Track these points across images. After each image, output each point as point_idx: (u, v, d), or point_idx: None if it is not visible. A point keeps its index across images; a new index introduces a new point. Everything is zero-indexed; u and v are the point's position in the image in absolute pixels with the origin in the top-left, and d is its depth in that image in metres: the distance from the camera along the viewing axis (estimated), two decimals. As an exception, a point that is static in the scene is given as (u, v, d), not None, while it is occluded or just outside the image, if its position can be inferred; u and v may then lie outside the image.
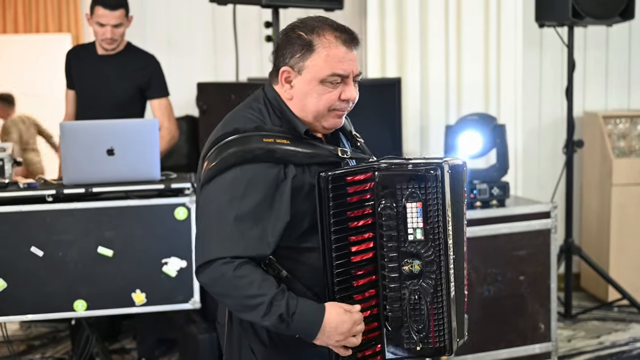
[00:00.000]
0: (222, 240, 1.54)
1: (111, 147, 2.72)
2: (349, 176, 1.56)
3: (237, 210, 1.54)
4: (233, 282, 1.53)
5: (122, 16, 3.29)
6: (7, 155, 3.01)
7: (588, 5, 3.64)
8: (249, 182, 1.54)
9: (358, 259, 1.59)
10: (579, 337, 3.77)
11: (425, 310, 1.60)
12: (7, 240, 2.67)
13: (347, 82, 1.60)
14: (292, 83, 1.62)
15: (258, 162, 1.55)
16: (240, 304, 1.55)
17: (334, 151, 1.63)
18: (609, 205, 4.18)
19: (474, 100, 3.77)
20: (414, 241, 1.58)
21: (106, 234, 2.72)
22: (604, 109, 4.49)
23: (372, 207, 1.58)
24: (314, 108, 1.61)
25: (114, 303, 2.74)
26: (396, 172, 1.58)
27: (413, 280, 1.59)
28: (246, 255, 1.54)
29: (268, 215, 1.55)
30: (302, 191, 1.58)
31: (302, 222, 1.59)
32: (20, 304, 2.69)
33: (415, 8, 3.68)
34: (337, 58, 1.58)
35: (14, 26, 5.83)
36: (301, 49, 1.59)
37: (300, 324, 1.55)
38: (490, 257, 3.21)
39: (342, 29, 1.61)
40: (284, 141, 1.58)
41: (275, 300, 1.53)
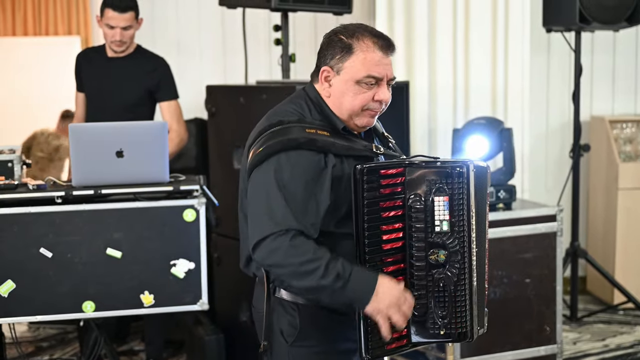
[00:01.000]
0: (276, 217, 1.65)
1: (120, 149, 2.73)
2: (382, 169, 1.68)
3: (285, 191, 1.66)
4: (289, 251, 1.63)
5: (132, 19, 3.31)
6: (17, 157, 3.03)
7: (595, 11, 3.65)
8: (294, 167, 1.67)
9: (388, 247, 1.70)
10: (584, 339, 3.77)
11: (449, 298, 1.70)
12: (16, 242, 2.68)
13: (381, 85, 1.73)
14: (330, 82, 1.75)
15: (302, 149, 1.67)
16: (297, 271, 1.64)
17: (369, 146, 1.76)
18: (615, 209, 4.18)
19: (482, 104, 3.78)
20: (440, 232, 1.69)
21: (115, 235, 2.73)
22: (610, 113, 4.50)
23: (402, 200, 1.70)
24: (350, 106, 1.73)
25: (122, 304, 2.75)
26: (426, 168, 1.70)
27: (438, 269, 1.70)
28: (298, 228, 1.65)
29: (312, 199, 1.67)
30: (341, 180, 1.70)
31: (340, 210, 1.71)
32: (29, 305, 2.70)
33: (424, 12, 3.69)
34: (374, 61, 1.70)
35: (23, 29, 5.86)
36: (341, 51, 1.72)
37: (356, 283, 1.63)
38: (497, 259, 3.22)
39: (380, 35, 1.75)
40: (325, 133, 1.71)
41: (331, 262, 1.63)
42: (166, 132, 2.79)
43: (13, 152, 3.10)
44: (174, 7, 4.17)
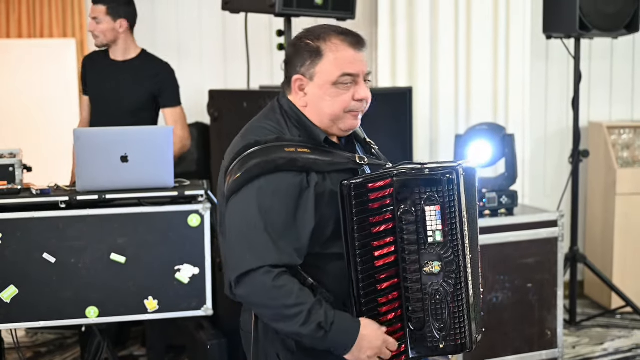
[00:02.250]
0: (257, 250, 1.56)
1: (125, 154, 2.72)
2: (370, 183, 1.60)
3: (266, 220, 1.57)
4: (272, 292, 1.55)
5: (101, 12, 3.33)
6: (18, 161, 3.01)
7: (595, 18, 3.68)
8: (275, 192, 1.58)
9: (381, 263, 1.63)
10: (583, 343, 3.80)
11: (446, 310, 1.64)
12: (20, 247, 2.66)
13: (358, 82, 1.64)
14: (305, 90, 1.66)
15: (281, 172, 1.58)
16: (279, 314, 1.57)
17: (352, 158, 1.68)
18: (613, 214, 4.21)
19: (483, 110, 3.80)
20: (433, 243, 1.63)
21: (119, 240, 2.72)
22: (608, 119, 4.53)
23: (392, 212, 1.62)
24: (330, 111, 1.64)
25: (126, 310, 2.74)
26: (414, 177, 1.62)
27: (434, 280, 1.64)
28: (282, 264, 1.57)
29: (296, 223, 1.59)
30: (324, 198, 1.62)
31: (326, 229, 1.63)
32: (32, 311, 2.68)
33: (426, 18, 3.70)
34: (346, 59, 1.62)
35: (17, 31, 5.82)
36: (310, 56, 1.63)
37: (337, 334, 1.58)
38: (499, 264, 3.23)
39: (347, 32, 1.66)
40: (305, 150, 1.62)
41: (313, 309, 1.56)
42: (171, 138, 2.79)
43: (14, 156, 3.08)
44: (174, 11, 4.16)
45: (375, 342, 1.60)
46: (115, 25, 3.35)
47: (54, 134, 5.35)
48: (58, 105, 5.00)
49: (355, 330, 1.59)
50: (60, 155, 4.15)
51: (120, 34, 3.37)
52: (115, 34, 3.36)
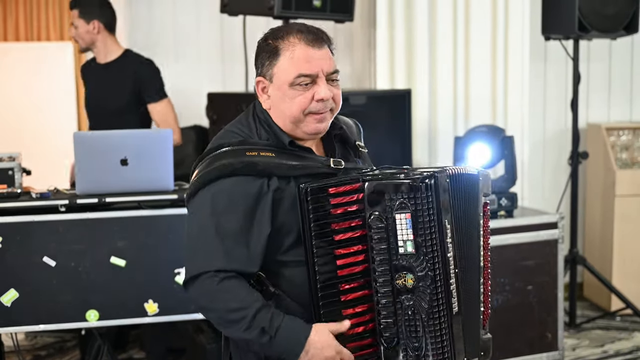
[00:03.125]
0: (205, 254, 1.52)
1: (125, 157, 2.72)
2: (331, 187, 1.51)
3: (218, 224, 1.52)
4: (216, 295, 1.51)
5: (75, 17, 3.37)
6: (17, 165, 3.01)
7: (594, 19, 3.69)
8: (230, 196, 1.52)
9: (345, 272, 1.52)
10: (583, 345, 3.80)
11: (421, 327, 1.51)
12: (20, 250, 2.65)
13: (318, 82, 1.55)
14: (268, 92, 1.59)
15: (239, 176, 1.52)
16: (223, 318, 1.52)
17: (326, 162, 1.59)
18: (612, 216, 4.21)
19: (482, 112, 3.80)
20: (405, 254, 1.50)
21: (119, 244, 2.72)
22: (606, 120, 4.54)
23: (361, 219, 1.52)
24: (289, 113, 1.56)
25: (126, 313, 2.73)
26: (384, 182, 1.51)
27: (407, 295, 1.51)
28: (230, 269, 1.51)
29: (250, 228, 1.53)
30: (286, 203, 1.54)
31: (288, 236, 1.56)
32: (32, 314, 2.67)
33: (424, 20, 3.71)
34: (302, 58, 1.53)
35: (15, 34, 5.82)
36: (268, 56, 1.56)
37: (283, 340, 1.49)
38: (499, 267, 3.23)
39: (307, 29, 1.57)
40: (269, 154, 1.55)
41: (258, 313, 1.49)
42: (171, 140, 2.79)
43: (13, 159, 3.07)
44: (172, 14, 4.16)
45: (326, 351, 1.49)
46: (89, 27, 3.36)
47: (52, 136, 5.34)
48: (56, 107, 5.00)
49: (304, 335, 1.50)
50: (58, 158, 4.15)
51: (96, 36, 3.37)
52: (91, 36, 3.37)
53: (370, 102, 3.22)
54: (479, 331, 1.64)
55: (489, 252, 1.67)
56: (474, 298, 1.63)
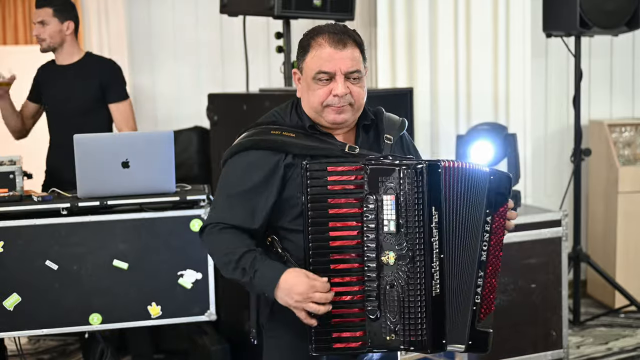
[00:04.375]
0: (216, 209, 1.81)
1: (126, 160, 2.71)
2: (330, 166, 1.69)
3: (231, 188, 1.79)
4: (216, 241, 1.77)
5: (47, 15, 3.33)
6: (18, 168, 3.00)
7: (595, 16, 3.67)
8: (247, 165, 1.78)
9: (337, 244, 1.69)
10: (587, 343, 3.79)
11: (398, 302, 1.65)
12: (22, 254, 2.65)
13: (336, 79, 1.74)
14: (300, 82, 1.82)
15: (260, 149, 1.77)
16: (220, 260, 1.77)
17: (342, 147, 1.78)
18: (615, 212, 4.20)
19: (484, 109, 3.79)
20: (388, 232, 1.66)
21: (121, 246, 2.71)
22: (609, 117, 4.52)
23: (359, 199, 1.69)
24: (312, 104, 1.78)
25: (129, 316, 2.73)
26: (379, 167, 1.68)
27: (388, 271, 1.66)
28: (231, 223, 1.76)
29: (257, 194, 1.77)
30: (295, 178, 1.75)
31: (297, 206, 1.75)
32: (35, 318, 2.67)
33: (425, 18, 3.69)
34: (323, 57, 1.74)
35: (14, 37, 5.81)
36: (301, 52, 1.80)
37: (260, 279, 1.70)
38: (503, 265, 3.17)
39: (334, 31, 1.77)
40: (290, 134, 1.78)
41: (243, 257, 1.72)
42: (172, 142, 2.77)
43: (14, 163, 3.06)
44: (171, 14, 4.15)
45: (299, 287, 1.66)
46: (63, 27, 3.36)
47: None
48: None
49: (278, 274, 1.69)
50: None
51: (67, 37, 3.37)
52: (62, 36, 3.36)
53: (372, 101, 3.19)
54: (467, 319, 1.73)
55: (501, 251, 1.78)
56: (467, 287, 1.72)
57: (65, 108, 3.38)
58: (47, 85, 3.45)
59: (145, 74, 4.11)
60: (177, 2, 4.14)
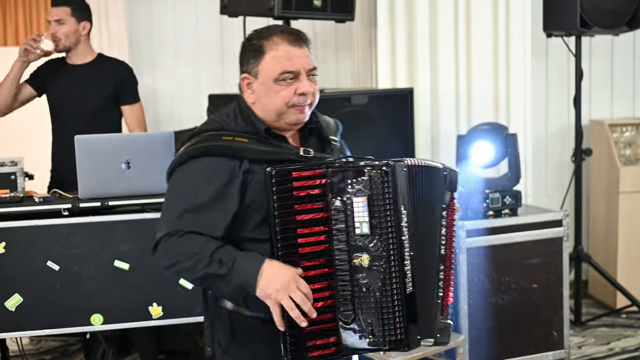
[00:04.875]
0: (171, 220, 1.70)
1: (127, 160, 2.72)
2: (295, 171, 1.65)
3: (187, 198, 1.69)
4: (179, 247, 1.67)
5: (66, 14, 3.35)
6: (19, 169, 3.00)
7: (596, 15, 3.68)
8: (203, 172, 1.69)
9: (306, 251, 1.66)
10: (589, 343, 3.79)
11: (375, 304, 1.64)
12: (23, 255, 2.65)
13: (299, 78, 1.72)
14: (252, 88, 1.75)
15: (213, 156, 1.69)
16: (186, 264, 1.66)
17: (296, 150, 1.75)
18: (616, 212, 4.20)
19: (484, 109, 3.79)
20: (361, 235, 1.64)
21: (122, 247, 2.71)
22: (609, 117, 4.52)
23: (324, 202, 1.66)
24: (273, 107, 1.73)
25: (130, 316, 2.73)
26: (344, 169, 1.66)
27: (362, 273, 1.65)
28: (190, 230, 1.67)
29: (217, 201, 1.69)
30: (254, 184, 1.70)
31: (256, 214, 1.71)
32: (36, 319, 2.67)
33: (425, 19, 3.70)
34: (285, 56, 1.70)
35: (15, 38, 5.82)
36: (254, 55, 1.73)
37: (240, 268, 1.64)
38: (504, 265, 3.23)
39: (288, 30, 1.76)
40: (243, 140, 1.72)
41: (216, 251, 1.65)
42: (173, 143, 2.78)
43: (15, 164, 3.07)
44: (172, 15, 4.15)
45: (280, 277, 1.61)
46: (79, 27, 3.38)
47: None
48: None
49: (258, 264, 1.63)
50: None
51: (82, 37, 3.40)
52: (77, 36, 3.39)
53: (372, 102, 3.21)
54: (435, 314, 1.76)
55: (453, 244, 1.80)
56: (431, 282, 1.75)
57: (76, 108, 3.39)
58: (56, 83, 3.44)
59: (146, 75, 4.11)
60: (177, 2, 4.14)
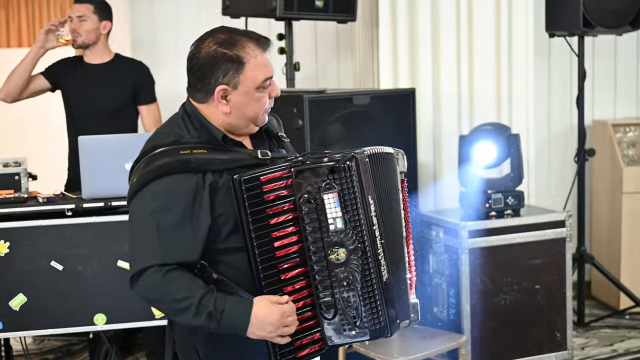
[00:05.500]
0: (147, 250, 1.63)
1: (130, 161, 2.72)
2: (262, 175, 1.65)
3: (158, 221, 1.63)
4: (162, 287, 1.63)
5: (89, 11, 3.39)
6: (23, 170, 3.01)
7: (599, 15, 3.67)
8: (168, 193, 1.64)
9: (283, 253, 1.66)
10: (592, 345, 3.78)
11: (356, 296, 1.66)
12: (27, 255, 2.67)
13: (271, 82, 1.74)
14: (228, 98, 1.71)
15: (175, 174, 1.64)
16: (172, 308, 1.65)
17: (254, 154, 1.73)
18: (619, 213, 4.19)
19: (486, 110, 3.78)
20: (335, 230, 1.65)
21: (125, 247, 2.68)
22: (612, 117, 4.52)
23: (292, 202, 1.66)
24: (254, 114, 1.73)
25: (134, 316, 2.74)
26: (310, 167, 1.66)
27: (340, 267, 1.66)
28: (173, 261, 1.63)
29: (189, 222, 1.65)
30: (221, 195, 1.66)
31: (226, 224, 1.68)
32: (40, 318, 2.69)
33: (427, 19, 3.69)
34: (263, 64, 1.71)
35: (17, 40, 5.84)
36: (232, 66, 1.68)
37: (229, 320, 1.63)
38: (506, 266, 3.22)
39: (254, 35, 1.73)
40: (201, 151, 1.67)
41: (203, 299, 1.61)
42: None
43: (19, 164, 3.08)
44: (174, 16, 4.16)
45: (271, 317, 1.63)
46: (100, 25, 3.43)
47: (56, 141, 5.34)
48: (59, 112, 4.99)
49: (247, 311, 1.63)
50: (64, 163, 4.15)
51: (101, 36, 3.44)
52: (97, 34, 3.42)
53: (374, 102, 3.21)
54: (407, 295, 1.79)
55: (410, 224, 1.84)
56: (401, 266, 1.78)
57: (94, 107, 3.42)
58: (73, 81, 3.47)
59: (149, 76, 4.12)
60: (179, 3, 4.15)
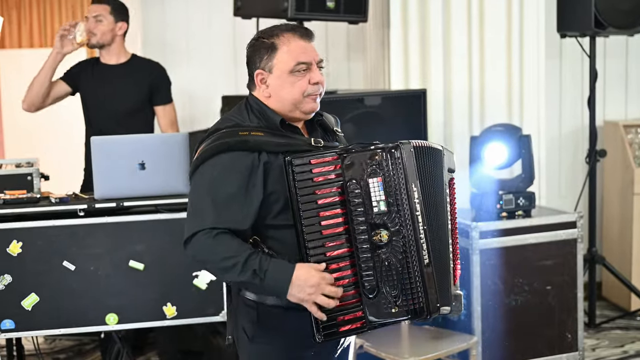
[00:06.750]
0: (202, 214, 1.79)
1: (142, 161, 2.74)
2: (313, 159, 1.77)
3: (215, 191, 1.79)
4: (212, 248, 1.76)
5: (105, 11, 3.42)
6: (35, 170, 3.03)
7: (610, 16, 3.66)
8: (226, 168, 1.79)
9: (329, 232, 1.77)
10: (602, 346, 3.77)
11: (397, 275, 1.76)
12: (40, 255, 2.68)
13: (312, 69, 1.84)
14: (267, 83, 1.86)
15: (233, 151, 1.79)
16: (220, 267, 1.77)
17: (308, 140, 1.86)
18: (630, 214, 4.17)
19: (497, 110, 3.78)
20: (379, 212, 1.76)
21: (137, 247, 2.73)
22: (624, 118, 4.50)
23: (340, 186, 1.77)
24: (291, 97, 1.84)
25: (145, 316, 2.75)
26: (358, 153, 1.78)
27: (383, 249, 1.76)
28: (222, 226, 1.77)
29: (243, 194, 1.79)
30: (274, 174, 1.80)
31: (277, 202, 1.81)
32: (52, 318, 2.70)
33: (438, 19, 3.69)
34: (298, 50, 1.83)
35: (29, 40, 5.89)
36: (267, 52, 1.85)
37: (272, 279, 1.75)
38: (518, 267, 3.22)
39: (295, 27, 1.89)
40: (259, 133, 1.82)
41: (249, 258, 1.75)
42: (187, 144, 2.80)
43: (31, 165, 3.10)
44: (185, 16, 4.18)
45: (311, 280, 1.73)
46: (116, 26, 3.46)
47: (68, 141, 5.38)
48: (71, 112, 5.02)
49: (289, 272, 1.74)
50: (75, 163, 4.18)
51: (117, 37, 3.47)
52: (113, 35, 3.45)
53: (385, 103, 3.22)
54: (449, 283, 1.86)
55: (456, 219, 1.93)
56: (444, 254, 1.86)
57: (111, 108, 3.46)
58: (90, 82, 3.50)
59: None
60: (191, 4, 4.16)
